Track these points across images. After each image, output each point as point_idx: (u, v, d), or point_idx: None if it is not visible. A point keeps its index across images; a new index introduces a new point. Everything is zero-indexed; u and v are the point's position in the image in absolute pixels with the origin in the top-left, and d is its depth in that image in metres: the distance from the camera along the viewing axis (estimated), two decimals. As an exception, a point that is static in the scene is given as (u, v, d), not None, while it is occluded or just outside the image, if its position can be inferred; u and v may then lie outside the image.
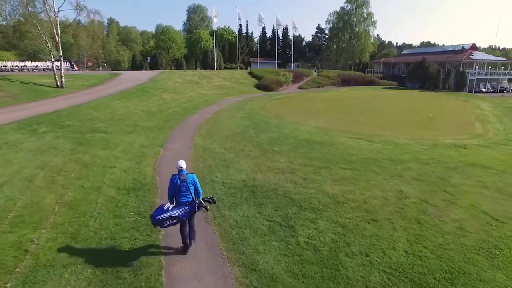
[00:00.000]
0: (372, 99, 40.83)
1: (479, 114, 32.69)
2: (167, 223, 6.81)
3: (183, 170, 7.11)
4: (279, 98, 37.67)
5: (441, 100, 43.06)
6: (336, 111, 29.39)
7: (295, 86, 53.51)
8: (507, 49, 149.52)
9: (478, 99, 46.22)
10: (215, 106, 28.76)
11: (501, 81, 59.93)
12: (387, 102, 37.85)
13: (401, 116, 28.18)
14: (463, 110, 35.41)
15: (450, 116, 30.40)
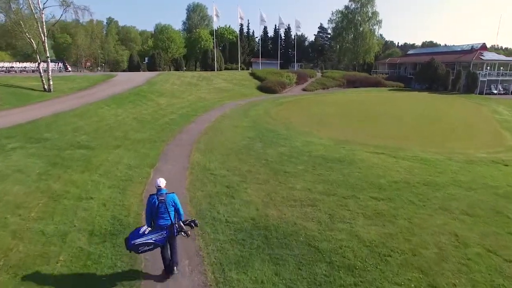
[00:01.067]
0: (382, 102, 38.31)
1: (501, 120, 30.20)
2: (142, 248, 6.15)
3: (162, 190, 6.34)
4: (284, 102, 35.15)
5: (454, 104, 40.54)
6: (348, 117, 26.88)
7: (299, 87, 50.99)
8: (509, 49, 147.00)
9: (492, 102, 43.73)
10: (215, 112, 26.24)
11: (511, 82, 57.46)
12: (399, 106, 35.31)
13: (420, 122, 25.68)
14: (481, 115, 32.89)
15: (471, 122, 27.89)
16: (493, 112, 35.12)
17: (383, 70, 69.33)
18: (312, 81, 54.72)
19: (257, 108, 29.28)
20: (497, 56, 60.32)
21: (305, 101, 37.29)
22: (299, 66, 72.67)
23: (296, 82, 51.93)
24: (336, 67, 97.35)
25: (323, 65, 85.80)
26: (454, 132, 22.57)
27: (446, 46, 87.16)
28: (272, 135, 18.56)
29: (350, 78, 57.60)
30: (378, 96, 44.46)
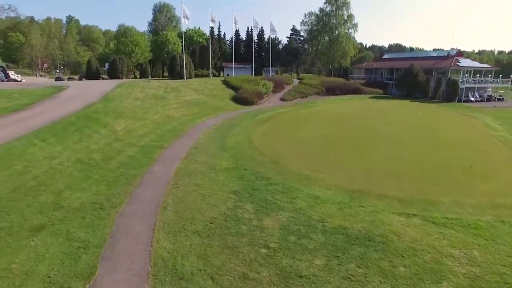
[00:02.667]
0: (370, 116, 34.58)
1: (502, 140, 27.26)
2: None
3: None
4: (265, 118, 30.51)
5: (444, 116, 37.63)
6: (342, 142, 22.63)
7: (277, 97, 46.59)
8: (468, 52, 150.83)
9: (476, 112, 41.50)
10: (186, 141, 21.12)
11: (486, 89, 56.22)
12: (391, 121, 31.60)
13: (424, 149, 21.83)
14: (478, 131, 29.89)
15: (475, 143, 24.50)
16: (487, 127, 32.38)
17: (360, 75, 66.44)
18: (289, 89, 50.45)
19: (235, 131, 24.40)
20: (472, 63, 58.99)
21: (287, 116, 32.82)
22: (275, 72, 68.36)
23: (273, 91, 47.49)
24: (309, 71, 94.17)
25: (298, 69, 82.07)
26: (468, 163, 18.87)
27: (423, 51, 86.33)
28: (264, 185, 13.83)
29: (329, 85, 53.86)
30: (362, 108, 40.86)
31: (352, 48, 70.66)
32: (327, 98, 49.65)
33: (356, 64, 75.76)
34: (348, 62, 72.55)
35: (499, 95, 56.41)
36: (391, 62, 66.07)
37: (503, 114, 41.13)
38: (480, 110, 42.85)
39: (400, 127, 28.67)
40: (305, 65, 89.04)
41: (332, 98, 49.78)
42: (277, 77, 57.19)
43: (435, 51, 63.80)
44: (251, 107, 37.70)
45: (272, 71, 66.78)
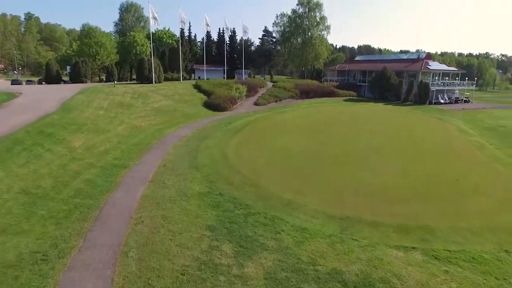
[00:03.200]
0: (347, 121, 33.63)
1: (478, 145, 26.97)
2: None
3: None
4: (240, 127, 28.67)
5: (419, 120, 37.35)
6: (321, 154, 21.24)
7: (250, 101, 44.88)
8: (432, 54, 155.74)
9: (449, 116, 41.67)
10: (153, 157, 18.94)
11: (454, 92, 57.26)
12: (368, 128, 30.72)
13: (408, 161, 20.83)
14: (455, 137, 29.58)
15: (456, 151, 23.93)
16: (462, 132, 32.23)
17: (333, 77, 65.92)
18: (263, 93, 48.86)
19: (208, 143, 22.43)
20: (440, 66, 59.87)
21: (262, 124, 31.14)
22: (248, 74, 66.59)
23: (247, 95, 45.73)
24: (282, 72, 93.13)
25: (271, 71, 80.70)
26: (453, 175, 18.00)
27: (394, 54, 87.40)
28: (243, 216, 12.04)
29: (303, 88, 52.75)
30: (339, 113, 39.93)
31: (325, 50, 70.20)
32: (302, 101, 48.49)
33: (329, 66, 75.43)
34: (321, 64, 72.03)
35: (465, 97, 57.61)
36: (363, 64, 66.08)
37: (472, 117, 41.54)
38: (451, 113, 43.16)
39: (381, 135, 27.72)
40: (277, 67, 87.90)
41: (306, 101, 48.68)
42: (251, 80, 55.48)
43: (405, 53, 64.45)
44: (224, 114, 35.75)
45: (245, 73, 64.98)
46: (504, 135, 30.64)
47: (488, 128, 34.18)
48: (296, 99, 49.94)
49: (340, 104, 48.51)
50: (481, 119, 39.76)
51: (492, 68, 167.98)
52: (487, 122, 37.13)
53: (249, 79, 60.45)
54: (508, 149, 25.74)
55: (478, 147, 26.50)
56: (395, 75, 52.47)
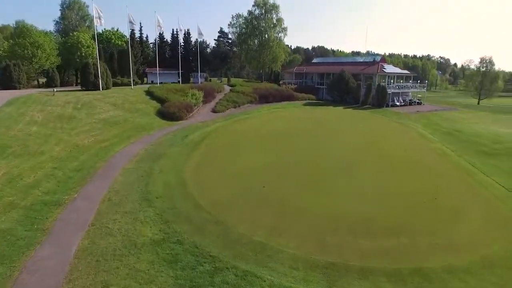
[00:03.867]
0: (312, 130, 31.98)
1: (442, 154, 26.64)
2: None
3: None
4: (198, 140, 25.93)
5: (381, 126, 36.92)
6: (292, 172, 19.27)
7: (208, 107, 42.14)
8: (381, 55, 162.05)
9: (407, 119, 41.92)
10: (96, 188, 15.76)
11: (408, 94, 58.62)
12: (336, 137, 29.38)
13: (383, 177, 19.49)
14: (420, 145, 29.10)
15: (425, 164, 23.06)
16: (423, 138, 32.09)
17: (291, 80, 64.85)
18: (221, 98, 46.27)
19: (162, 164, 19.54)
20: (394, 69, 61.09)
21: (222, 135, 28.64)
22: (204, 78, 63.40)
23: (204, 101, 42.94)
24: (239, 75, 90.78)
25: (228, 73, 77.97)
26: (430, 192, 16.88)
27: (350, 57, 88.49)
28: (208, 275, 9.56)
29: (262, 92, 50.84)
30: (301, 119, 38.43)
31: (282, 53, 68.88)
32: (261, 106, 46.56)
33: (286, 68, 74.40)
34: (278, 66, 70.69)
35: (418, 99, 59.20)
36: (320, 66, 65.71)
37: (427, 120, 42.14)
38: (409, 117, 43.52)
39: (348, 146, 26.36)
40: (234, 69, 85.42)
41: (266, 106, 46.84)
42: (207, 85, 52.50)
43: (361, 56, 65.06)
44: (180, 123, 32.73)
45: (201, 76, 61.79)
46: (461, 141, 30.80)
47: (446, 133, 34.44)
48: (255, 104, 47.92)
49: (301, 108, 47.27)
50: (436, 123, 40.34)
51: (433, 69, 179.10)
52: (443, 126, 37.57)
53: (206, 83, 57.45)
54: (469, 157, 25.62)
55: (442, 155, 26.15)
56: (353, 78, 52.50)
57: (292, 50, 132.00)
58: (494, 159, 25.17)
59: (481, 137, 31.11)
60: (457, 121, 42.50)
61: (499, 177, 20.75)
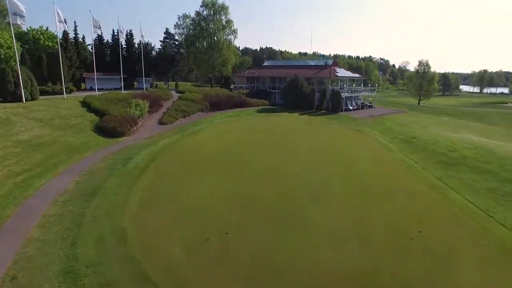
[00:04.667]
0: (271, 144, 29.31)
1: (407, 166, 25.46)
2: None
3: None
4: (143, 166, 21.92)
5: (339, 134, 35.49)
6: (258, 208, 16.31)
7: (154, 119, 37.82)
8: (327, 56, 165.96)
9: (364, 125, 41.14)
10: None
11: (359, 98, 58.81)
12: (299, 155, 26.91)
13: (359, 207, 17.29)
14: (382, 156, 27.87)
15: (396, 182, 21.35)
16: (385, 148, 31.06)
17: (242, 84, 62.04)
18: (168, 107, 42.05)
19: (96, 206, 15.51)
20: (346, 72, 60.85)
21: (171, 156, 24.89)
22: (148, 82, 58.15)
23: (149, 111, 38.57)
24: (187, 79, 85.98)
25: (175, 78, 73.01)
26: (415, 227, 14.97)
27: (302, 60, 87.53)
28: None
29: (213, 99, 47.34)
30: (256, 129, 35.62)
31: (233, 56, 65.82)
32: (213, 115, 43.14)
33: (237, 72, 71.44)
34: (229, 70, 67.47)
35: (369, 102, 59.66)
36: (272, 70, 63.69)
37: (382, 126, 41.83)
38: (365, 123, 42.90)
39: (312, 165, 23.95)
40: (182, 73, 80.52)
41: (218, 114, 43.51)
42: (153, 92, 47.61)
43: (313, 60, 64.13)
44: (122, 141, 28.36)
45: (146, 81, 56.61)
46: (420, 150, 30.16)
47: (403, 140, 33.86)
48: (206, 112, 44.39)
49: (255, 116, 44.57)
50: (391, 129, 40.00)
51: (375, 70, 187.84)
52: (399, 133, 37.13)
53: (152, 90, 52.49)
54: (433, 170, 24.74)
55: (408, 168, 25.00)
56: (306, 83, 51.06)
57: (241, 51, 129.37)
58: (455, 171, 24.50)
59: (437, 145, 30.66)
60: (409, 125, 42.63)
61: (469, 195, 19.72)
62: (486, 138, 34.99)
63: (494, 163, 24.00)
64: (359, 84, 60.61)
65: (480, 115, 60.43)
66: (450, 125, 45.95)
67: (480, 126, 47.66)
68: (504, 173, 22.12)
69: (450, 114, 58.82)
